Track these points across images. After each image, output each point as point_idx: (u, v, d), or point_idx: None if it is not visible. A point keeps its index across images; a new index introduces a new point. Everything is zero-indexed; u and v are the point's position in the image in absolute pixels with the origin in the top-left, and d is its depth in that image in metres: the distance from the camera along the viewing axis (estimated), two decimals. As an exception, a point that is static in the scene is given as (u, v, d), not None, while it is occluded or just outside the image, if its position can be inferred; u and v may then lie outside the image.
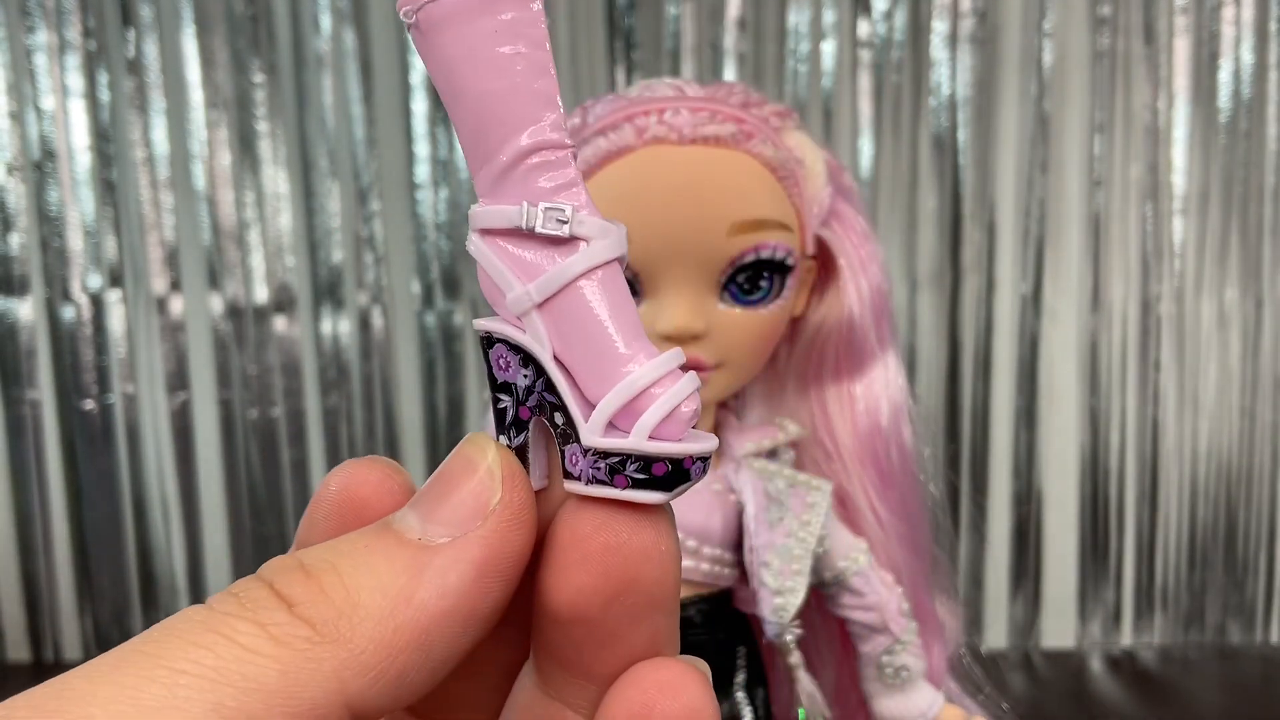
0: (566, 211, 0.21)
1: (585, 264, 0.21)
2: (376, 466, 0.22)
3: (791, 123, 0.48)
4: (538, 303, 0.21)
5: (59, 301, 0.90)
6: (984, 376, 0.92)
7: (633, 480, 0.21)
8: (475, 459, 0.21)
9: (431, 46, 0.21)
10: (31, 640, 0.94)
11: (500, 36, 0.21)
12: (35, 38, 0.87)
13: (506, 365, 0.22)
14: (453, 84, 0.21)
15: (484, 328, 0.22)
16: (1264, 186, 0.90)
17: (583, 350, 0.21)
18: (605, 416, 0.21)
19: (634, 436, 0.21)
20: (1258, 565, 0.95)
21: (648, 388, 0.21)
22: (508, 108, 0.21)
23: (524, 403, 0.22)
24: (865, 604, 0.49)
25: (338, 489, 0.22)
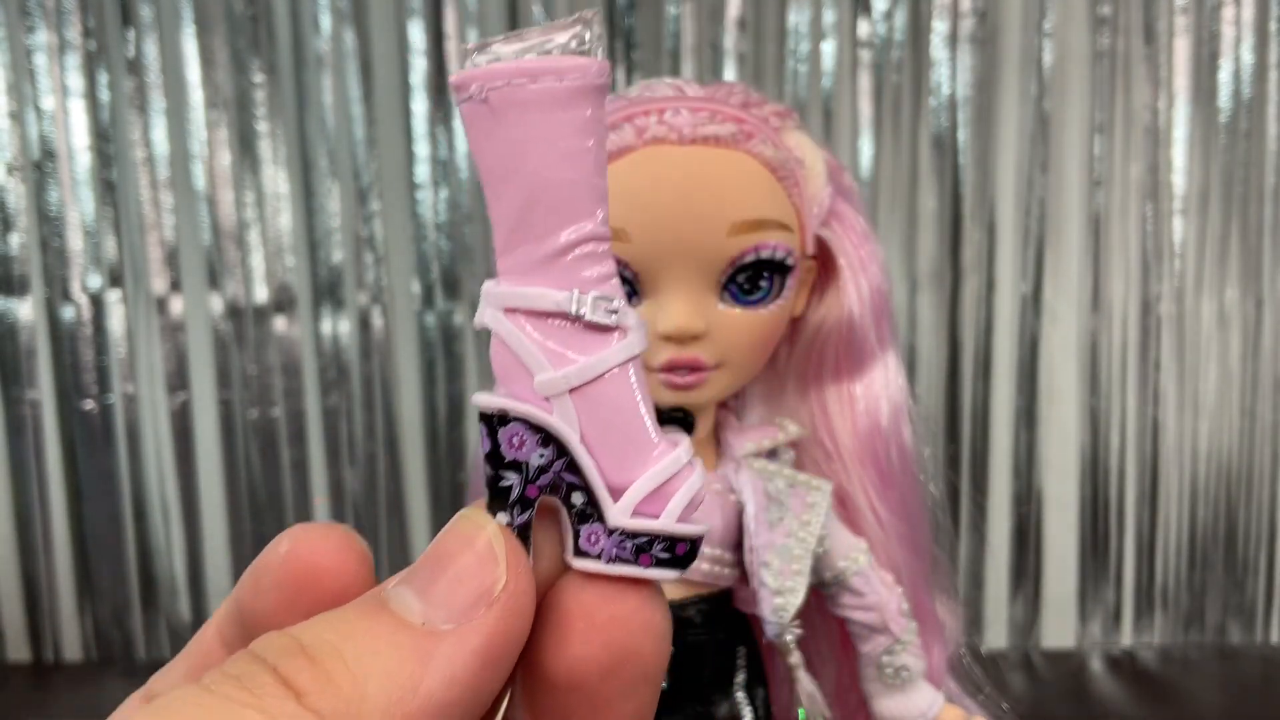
0: (615, 302, 0.22)
1: (624, 355, 0.22)
2: (333, 534, 0.22)
3: (791, 123, 0.48)
4: (574, 386, 0.22)
5: (59, 301, 0.90)
6: (984, 376, 0.92)
7: (657, 559, 0.22)
8: (473, 537, 0.21)
9: (497, 126, 0.21)
10: (31, 640, 0.94)
11: (579, 131, 0.21)
12: (35, 37, 0.87)
13: (520, 444, 0.22)
14: (510, 164, 0.21)
15: (498, 406, 0.22)
16: (1264, 186, 0.90)
17: (612, 436, 0.22)
18: (638, 497, 0.22)
19: (664, 519, 0.22)
20: (1258, 565, 0.95)
21: (672, 476, 0.22)
22: (569, 197, 0.21)
23: (533, 481, 0.22)
24: (865, 604, 0.49)
25: (288, 554, 0.21)
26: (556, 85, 0.21)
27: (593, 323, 0.21)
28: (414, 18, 0.87)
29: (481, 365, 0.90)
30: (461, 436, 0.92)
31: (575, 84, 0.21)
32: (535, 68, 0.21)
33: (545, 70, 0.21)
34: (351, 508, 0.93)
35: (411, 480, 0.92)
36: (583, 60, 0.21)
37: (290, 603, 0.21)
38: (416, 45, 0.88)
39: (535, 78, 0.21)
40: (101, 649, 0.94)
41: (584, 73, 0.21)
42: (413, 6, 0.87)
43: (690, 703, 0.48)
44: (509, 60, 0.21)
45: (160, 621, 0.94)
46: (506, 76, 0.21)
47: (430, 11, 0.87)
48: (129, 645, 0.94)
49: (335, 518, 0.93)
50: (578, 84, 0.21)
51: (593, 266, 0.22)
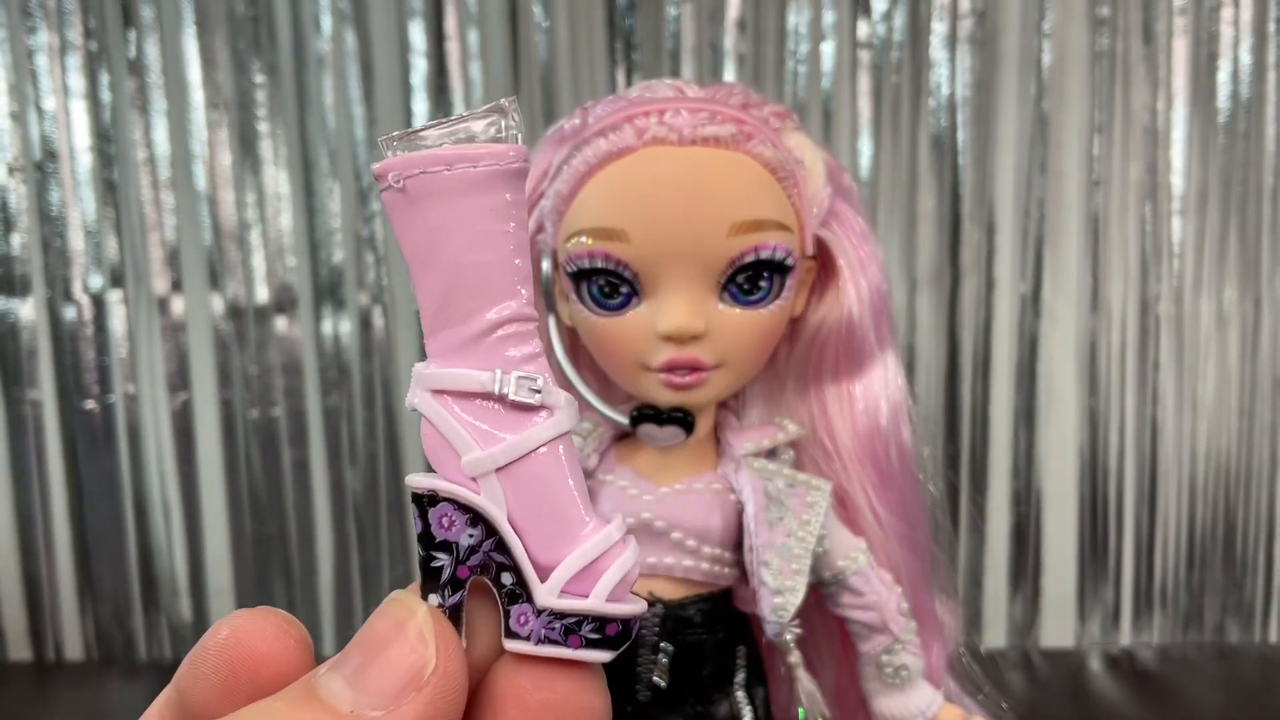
0: (539, 381, 0.22)
1: (549, 434, 0.22)
2: (271, 619, 0.22)
3: (791, 123, 0.48)
4: (500, 466, 0.22)
5: (60, 301, 0.90)
6: (983, 376, 0.92)
7: (587, 640, 0.22)
8: (404, 621, 0.21)
9: (415, 213, 0.22)
10: (33, 640, 0.94)
11: (496, 214, 0.21)
12: (37, 38, 0.87)
13: (450, 525, 0.22)
14: (431, 249, 0.22)
15: (427, 487, 0.22)
16: (1262, 187, 0.90)
17: (539, 515, 0.22)
18: (565, 577, 0.22)
19: (593, 599, 0.22)
20: (1256, 565, 0.95)
21: (602, 554, 0.22)
22: (489, 279, 0.22)
23: (464, 561, 0.22)
24: (864, 603, 0.50)
25: (226, 640, 0.21)
26: (471, 171, 0.21)
27: (517, 402, 0.22)
28: (415, 19, 0.88)
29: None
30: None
31: (489, 169, 0.21)
32: (450, 155, 0.21)
33: (460, 157, 0.21)
34: (352, 508, 0.93)
35: (412, 480, 0.93)
36: (498, 146, 0.22)
37: (228, 689, 0.21)
38: (417, 46, 0.88)
39: (450, 165, 0.21)
40: (103, 649, 0.95)
41: (499, 158, 0.21)
42: (413, 7, 0.88)
43: (690, 702, 0.48)
44: (426, 149, 0.22)
45: (161, 621, 0.94)
46: (422, 165, 0.21)
47: (431, 12, 0.88)
48: (130, 645, 0.94)
49: (336, 517, 0.93)
50: (492, 169, 0.21)
51: (518, 346, 0.22)
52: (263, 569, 0.93)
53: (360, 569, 0.94)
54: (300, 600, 0.94)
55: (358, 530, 0.93)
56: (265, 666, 0.21)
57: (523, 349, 0.22)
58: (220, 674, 0.21)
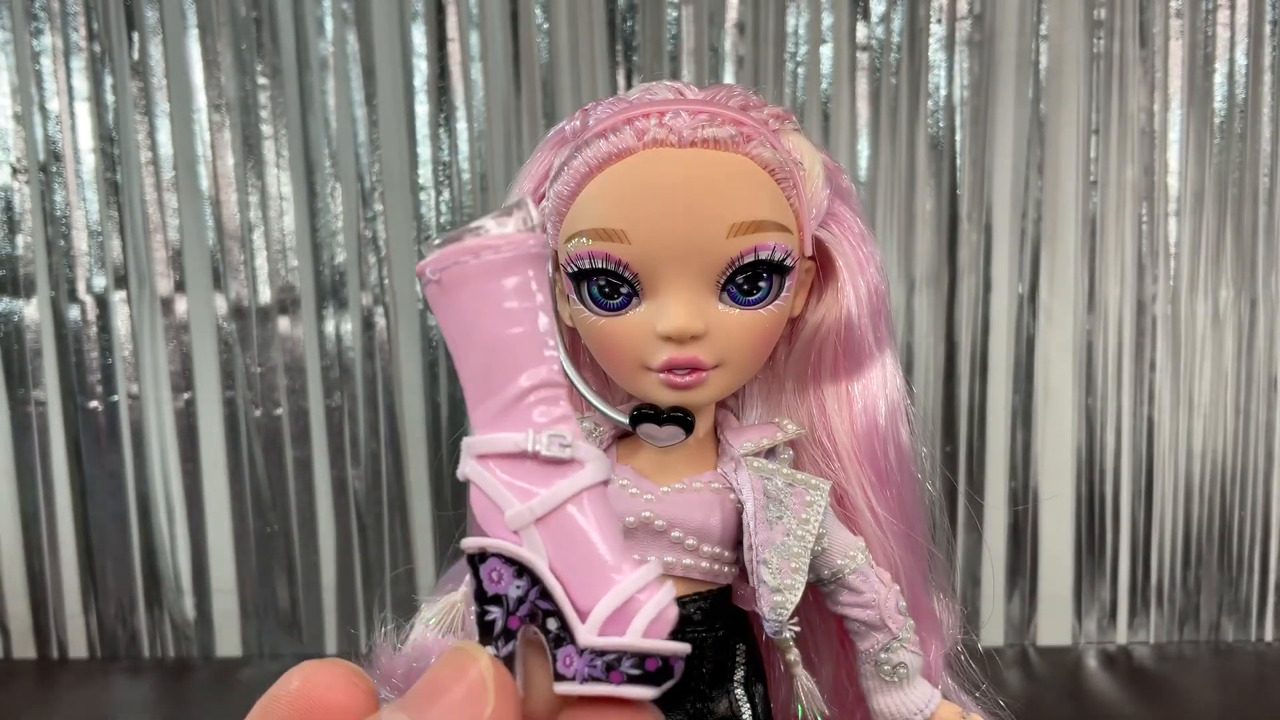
0: (568, 437, 0.24)
1: (582, 484, 0.24)
2: (341, 671, 0.23)
3: (790, 125, 0.48)
4: (538, 517, 0.23)
5: (64, 302, 0.91)
6: (981, 376, 0.92)
7: (627, 676, 0.23)
8: (466, 666, 0.22)
9: (452, 301, 0.24)
10: (37, 638, 0.95)
11: (522, 291, 0.24)
12: (41, 41, 0.88)
13: (499, 578, 0.24)
14: (467, 331, 0.24)
15: (477, 545, 0.24)
16: (1258, 188, 0.91)
17: (577, 561, 0.23)
18: (601, 619, 0.23)
19: (630, 635, 0.23)
20: (1252, 563, 0.95)
21: (635, 594, 0.23)
22: (517, 351, 0.24)
23: (514, 613, 0.24)
24: (863, 601, 0.50)
25: (299, 690, 0.22)
26: (495, 258, 0.23)
27: (549, 458, 0.23)
28: (416, 21, 0.88)
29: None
30: (464, 436, 0.92)
31: (510, 255, 0.24)
32: (477, 246, 0.24)
33: (485, 247, 0.24)
34: (354, 507, 0.93)
35: (414, 479, 0.93)
36: (517, 234, 0.24)
37: None
38: (419, 48, 0.88)
39: (477, 254, 0.24)
40: (106, 647, 0.95)
41: (519, 244, 0.24)
42: (415, 10, 0.88)
43: (689, 699, 0.48)
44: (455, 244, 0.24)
45: (165, 619, 0.95)
46: (454, 257, 0.24)
47: (432, 15, 0.88)
48: (134, 643, 0.95)
49: (339, 516, 0.93)
50: (512, 254, 0.24)
51: (548, 408, 0.24)
52: (266, 567, 0.94)
53: (362, 568, 0.94)
54: (302, 599, 0.94)
55: (360, 529, 0.94)
56: (337, 716, 0.22)
57: (552, 411, 0.24)
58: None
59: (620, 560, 0.23)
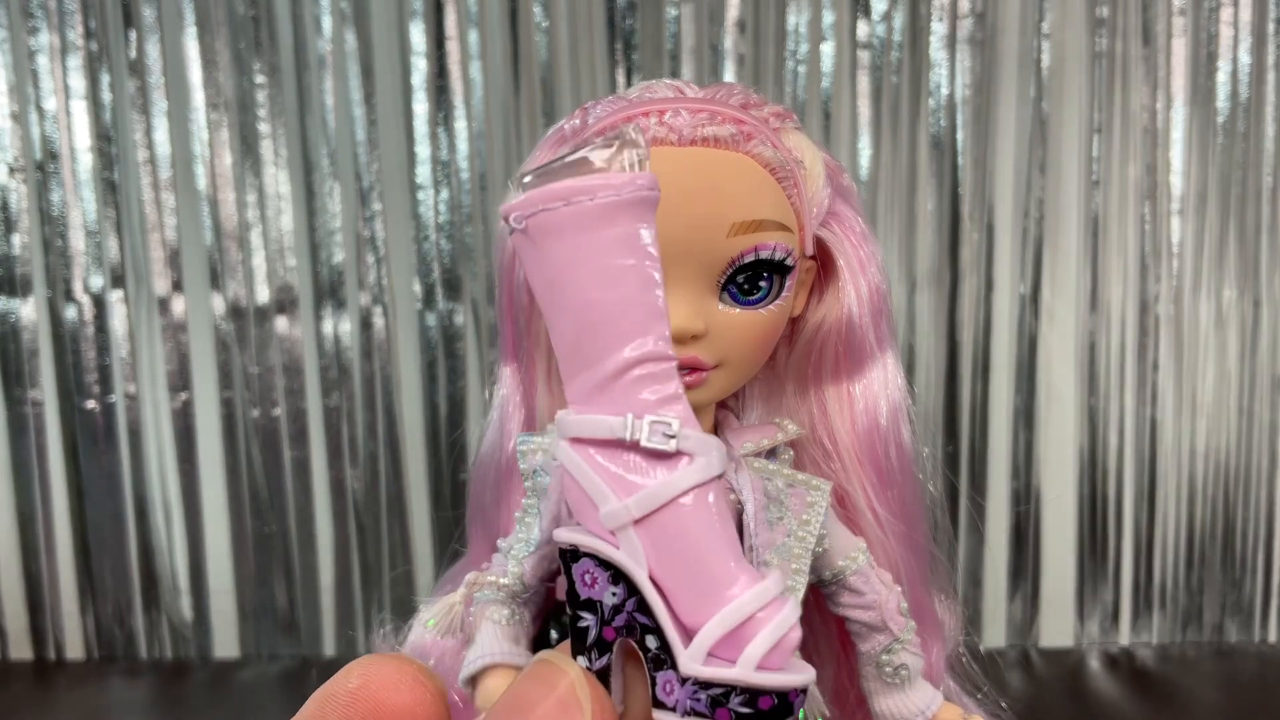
0: (673, 426, 0.20)
1: (690, 481, 0.20)
2: (407, 670, 0.20)
3: (791, 124, 0.48)
4: (636, 518, 0.20)
5: (61, 302, 0.91)
6: (982, 376, 0.92)
7: (736, 715, 0.19)
8: (555, 680, 0.19)
9: (539, 252, 0.20)
10: (33, 639, 0.95)
11: (619, 248, 0.20)
12: (38, 39, 0.88)
13: (593, 581, 0.21)
14: (558, 290, 0.20)
15: (570, 541, 0.21)
16: (1261, 187, 0.90)
17: (682, 570, 0.20)
18: (708, 644, 0.19)
19: (740, 667, 0.19)
20: (1255, 564, 0.95)
21: (753, 614, 0.20)
22: (616, 318, 0.20)
23: (609, 622, 0.21)
24: (864, 603, 0.50)
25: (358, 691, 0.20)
26: (589, 204, 0.20)
27: (649, 449, 0.20)
28: (415, 19, 0.88)
29: (483, 365, 0.91)
30: (463, 436, 0.92)
31: (607, 201, 0.20)
32: (566, 189, 0.20)
33: (576, 190, 0.20)
34: (353, 507, 0.93)
35: (413, 480, 0.93)
36: (616, 175, 0.20)
37: None
38: (417, 47, 0.88)
39: (568, 199, 0.20)
40: (103, 648, 0.95)
41: (618, 189, 0.20)
42: (414, 8, 0.88)
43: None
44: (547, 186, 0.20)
45: (162, 620, 0.94)
46: (541, 202, 0.20)
47: (431, 13, 0.88)
48: (131, 644, 0.95)
49: (337, 517, 0.93)
50: (610, 200, 0.20)
51: (650, 388, 0.20)
52: (263, 568, 0.93)
53: (361, 569, 0.94)
54: (300, 600, 0.94)
55: (358, 530, 0.93)
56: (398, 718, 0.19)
57: (659, 390, 0.20)
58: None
59: (736, 572, 0.20)
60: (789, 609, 0.20)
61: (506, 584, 0.48)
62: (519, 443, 0.50)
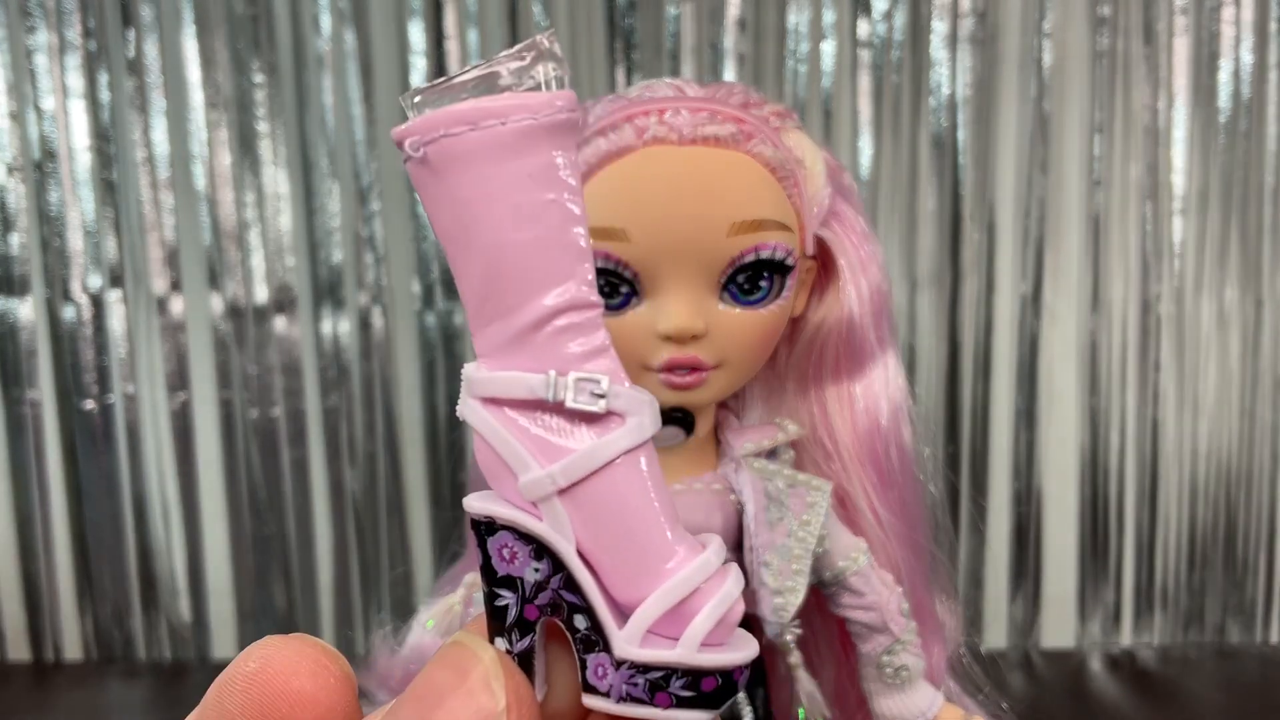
0: (602, 384, 0.18)
1: (621, 445, 0.18)
2: (308, 651, 0.18)
3: (791, 123, 0.48)
4: (562, 487, 0.18)
5: (59, 301, 0.90)
6: (984, 376, 0.92)
7: (677, 699, 0.18)
8: (467, 668, 0.17)
9: (442, 185, 0.18)
10: (32, 640, 0.94)
11: (536, 181, 0.17)
12: (36, 38, 0.87)
13: (512, 557, 0.19)
14: (464, 228, 0.18)
15: (484, 512, 0.19)
16: (1263, 186, 0.90)
17: (614, 543, 0.18)
18: (646, 623, 0.18)
19: (682, 647, 0.18)
20: (1257, 565, 0.95)
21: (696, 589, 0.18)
22: (533, 260, 0.18)
23: (531, 600, 0.19)
24: (865, 603, 0.49)
25: (256, 674, 0.18)
26: (500, 129, 0.17)
27: (574, 410, 0.18)
28: (414, 18, 0.88)
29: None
30: (462, 437, 0.92)
31: (521, 125, 0.17)
32: (473, 111, 0.17)
33: (485, 113, 0.17)
34: (352, 508, 0.93)
35: (412, 480, 0.92)
36: (533, 96, 0.17)
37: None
38: (416, 45, 0.88)
39: (475, 123, 0.17)
40: (102, 649, 0.94)
41: (534, 111, 0.17)
42: (413, 7, 0.87)
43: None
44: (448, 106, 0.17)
45: (161, 621, 0.94)
46: (443, 126, 0.17)
47: (430, 12, 0.88)
48: (129, 645, 0.94)
49: (335, 518, 0.93)
50: (524, 125, 0.17)
51: (576, 339, 0.18)
52: (262, 569, 0.93)
53: (360, 570, 0.94)
54: (299, 601, 0.94)
55: (357, 531, 0.93)
56: (301, 708, 0.18)
57: (585, 343, 0.18)
58: (249, 713, 0.18)
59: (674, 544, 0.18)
60: (731, 581, 0.18)
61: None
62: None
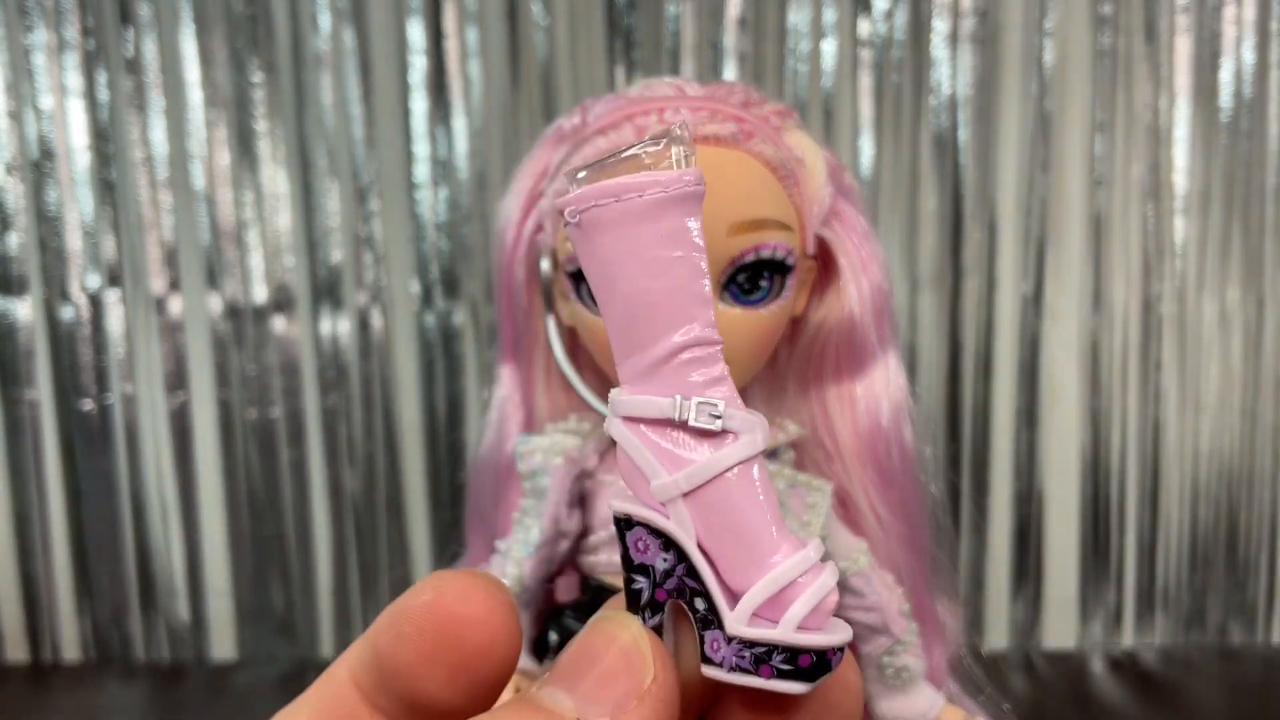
0: (719, 407, 0.22)
1: (734, 458, 0.22)
2: (480, 582, 0.21)
3: (792, 122, 0.47)
4: (685, 491, 0.22)
5: (57, 301, 0.90)
6: (985, 376, 0.92)
7: (778, 671, 0.21)
8: (618, 635, 0.21)
9: (592, 245, 0.22)
10: (30, 641, 0.94)
11: (664, 241, 0.22)
12: (34, 37, 0.87)
13: (645, 548, 0.23)
14: (609, 279, 0.22)
15: (624, 511, 0.23)
16: (1265, 186, 0.90)
17: (728, 539, 0.22)
18: (752, 606, 0.21)
19: (782, 628, 0.21)
20: (1259, 566, 0.94)
21: (794, 580, 0.22)
22: (664, 305, 0.22)
23: (660, 585, 0.23)
24: (866, 604, 0.49)
25: (432, 602, 0.21)
26: (637, 201, 0.22)
27: (696, 428, 0.22)
28: (413, 16, 0.87)
29: (481, 365, 0.90)
30: (461, 437, 0.91)
31: (655, 197, 0.22)
32: (617, 187, 0.22)
33: (626, 188, 0.22)
34: (351, 508, 0.92)
35: (411, 481, 0.92)
36: (663, 174, 0.22)
37: (432, 654, 0.20)
38: (416, 44, 0.88)
39: (618, 196, 0.22)
40: (100, 649, 0.94)
41: (665, 185, 0.22)
42: (412, 5, 0.87)
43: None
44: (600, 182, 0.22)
45: (159, 622, 0.94)
46: (594, 198, 0.22)
47: (430, 10, 0.87)
48: (127, 646, 0.94)
49: (334, 518, 0.93)
50: (657, 197, 0.22)
51: (698, 370, 0.22)
52: (261, 570, 0.93)
53: (359, 570, 0.93)
54: (298, 601, 0.94)
55: (356, 531, 0.93)
56: (473, 630, 0.20)
57: (706, 373, 0.22)
58: (426, 635, 0.20)
59: (779, 540, 0.22)
60: (827, 574, 0.22)
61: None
62: (518, 444, 0.49)
